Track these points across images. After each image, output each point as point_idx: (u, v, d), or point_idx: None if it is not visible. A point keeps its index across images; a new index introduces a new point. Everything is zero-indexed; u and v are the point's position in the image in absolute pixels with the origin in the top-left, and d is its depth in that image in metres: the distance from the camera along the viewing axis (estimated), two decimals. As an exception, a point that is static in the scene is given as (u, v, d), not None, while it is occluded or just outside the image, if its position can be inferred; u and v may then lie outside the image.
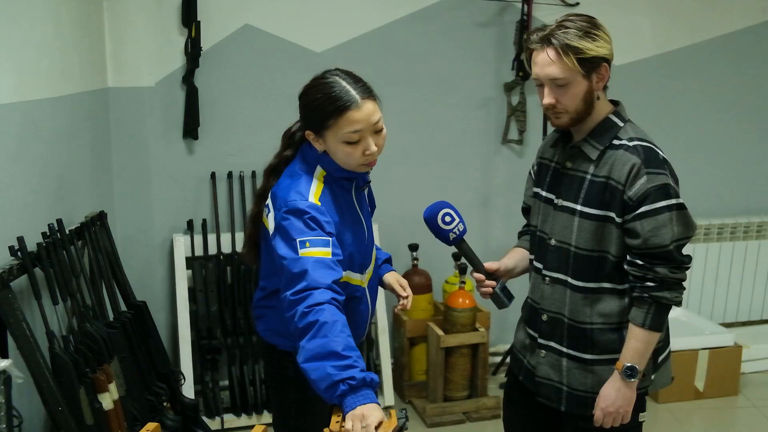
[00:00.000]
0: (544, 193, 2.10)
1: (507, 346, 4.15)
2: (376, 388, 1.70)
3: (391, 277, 2.28)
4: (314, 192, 1.92)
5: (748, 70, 4.34)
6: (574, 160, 2.01)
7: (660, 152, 1.93)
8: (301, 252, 1.80)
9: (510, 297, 2.16)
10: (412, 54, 3.88)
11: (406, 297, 2.24)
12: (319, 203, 1.90)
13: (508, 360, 4.12)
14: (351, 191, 2.04)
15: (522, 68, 3.91)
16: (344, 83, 1.89)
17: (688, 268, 1.94)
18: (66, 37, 2.96)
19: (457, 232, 2.11)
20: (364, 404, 1.63)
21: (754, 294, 4.48)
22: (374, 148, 1.91)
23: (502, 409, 2.34)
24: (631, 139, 1.93)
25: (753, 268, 4.44)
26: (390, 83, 3.84)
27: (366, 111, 1.87)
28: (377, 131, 1.92)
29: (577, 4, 3.94)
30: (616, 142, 1.95)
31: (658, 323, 1.93)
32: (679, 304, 1.96)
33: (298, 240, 1.82)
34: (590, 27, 1.88)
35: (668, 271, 1.90)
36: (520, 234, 2.32)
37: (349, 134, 1.87)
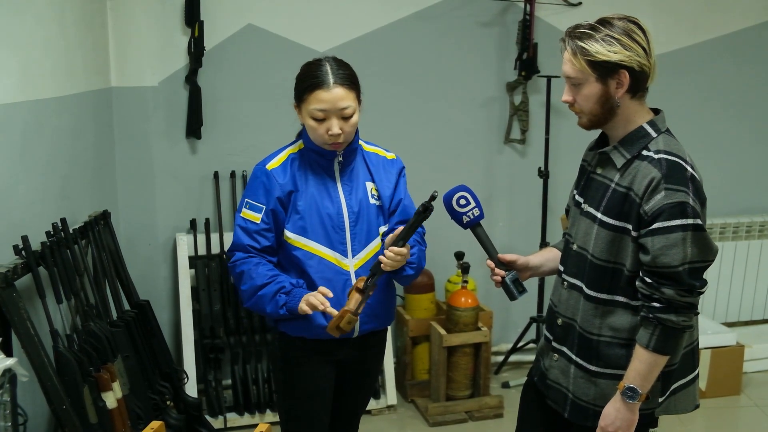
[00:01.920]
0: (576, 196, 2.08)
1: (509, 346, 4.16)
2: (305, 288, 2.13)
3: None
4: (275, 160, 2.21)
5: (750, 70, 4.34)
6: (604, 167, 1.97)
7: (688, 169, 1.85)
8: (242, 212, 2.19)
9: (521, 290, 2.12)
10: (415, 53, 3.88)
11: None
12: (270, 168, 2.18)
13: (510, 359, 4.14)
14: (331, 169, 2.21)
15: (524, 67, 3.92)
16: (328, 67, 2.11)
17: (702, 293, 1.86)
18: (70, 36, 2.97)
19: (472, 217, 2.12)
20: (303, 296, 2.07)
21: (756, 294, 4.48)
22: (336, 131, 2.09)
23: (519, 404, 2.31)
24: (658, 152, 1.86)
25: (755, 268, 4.44)
26: (392, 83, 3.85)
27: (334, 94, 2.07)
28: (345, 117, 2.10)
29: (580, 3, 3.95)
30: (644, 152, 1.88)
31: (664, 346, 1.85)
32: (688, 328, 1.88)
33: (245, 200, 2.20)
34: (617, 31, 1.83)
35: (675, 294, 1.82)
36: (564, 234, 2.27)
37: (315, 111, 2.09)
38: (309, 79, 2.10)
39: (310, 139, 2.17)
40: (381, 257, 2.07)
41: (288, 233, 2.18)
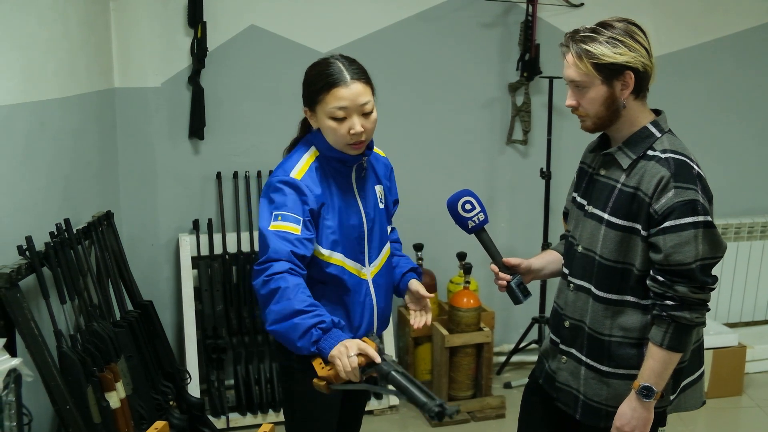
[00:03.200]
0: (578, 198, 2.08)
1: (511, 346, 4.17)
2: (345, 330, 1.86)
3: (416, 284, 2.26)
4: (299, 169, 2.03)
5: (752, 71, 4.34)
6: (608, 168, 1.98)
7: (694, 167, 1.87)
8: (273, 225, 1.94)
9: (526, 294, 2.13)
10: (417, 54, 3.89)
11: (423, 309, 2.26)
12: (299, 178, 2.00)
13: (512, 359, 4.15)
14: (350, 177, 2.10)
15: (526, 68, 3.92)
16: (339, 64, 2.00)
17: (713, 289, 1.88)
18: (73, 37, 2.97)
19: (477, 221, 2.11)
20: (340, 341, 1.78)
21: (758, 294, 4.48)
22: (359, 129, 1.98)
23: (520, 408, 2.31)
24: (664, 151, 1.88)
25: (757, 269, 4.44)
26: (395, 83, 3.85)
27: (353, 90, 1.97)
28: (365, 114, 2.00)
29: (582, 4, 3.95)
30: (650, 152, 1.89)
31: (678, 343, 1.86)
32: (701, 325, 1.89)
33: (273, 213, 1.96)
34: (619, 33, 1.84)
35: (689, 291, 1.84)
36: (561, 237, 2.27)
37: (335, 110, 1.96)
38: (324, 78, 1.98)
39: (329, 146, 2.04)
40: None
41: (321, 249, 2.02)
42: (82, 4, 3.09)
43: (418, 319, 2.25)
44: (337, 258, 2.06)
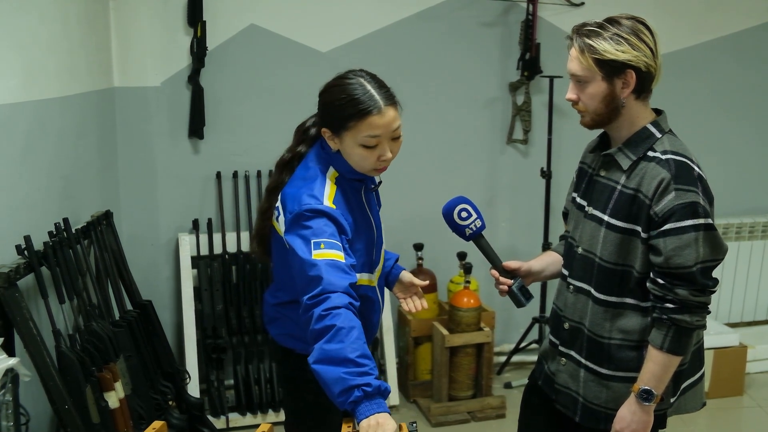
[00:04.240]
0: (578, 199, 2.06)
1: (512, 346, 4.16)
2: (388, 397, 1.69)
3: (409, 275, 2.29)
4: (328, 195, 1.91)
5: (753, 70, 4.33)
6: (608, 169, 1.96)
7: (695, 168, 1.85)
8: (315, 254, 1.79)
9: (528, 296, 2.12)
10: (418, 54, 3.88)
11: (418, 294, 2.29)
12: (334, 206, 1.89)
13: (513, 359, 4.14)
14: (361, 192, 2.04)
15: (527, 68, 3.91)
16: (369, 87, 1.88)
17: (714, 292, 1.87)
18: (73, 36, 2.97)
19: (474, 228, 2.10)
20: (378, 413, 1.63)
21: (760, 294, 4.47)
22: (389, 155, 1.91)
23: (520, 409, 2.30)
24: (665, 152, 1.86)
25: (759, 268, 4.43)
26: (395, 83, 3.78)
27: (387, 117, 1.88)
28: (394, 138, 1.92)
29: (582, 3, 3.95)
30: (650, 153, 1.87)
31: (678, 346, 1.85)
32: (702, 328, 1.88)
33: (312, 241, 1.81)
34: (625, 30, 1.82)
35: (689, 294, 1.83)
36: (561, 238, 2.26)
37: (368, 138, 1.87)
38: (355, 105, 1.85)
39: (351, 168, 1.95)
40: None
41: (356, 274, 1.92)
42: (82, 4, 3.08)
43: (414, 303, 2.26)
44: (364, 278, 2.03)
